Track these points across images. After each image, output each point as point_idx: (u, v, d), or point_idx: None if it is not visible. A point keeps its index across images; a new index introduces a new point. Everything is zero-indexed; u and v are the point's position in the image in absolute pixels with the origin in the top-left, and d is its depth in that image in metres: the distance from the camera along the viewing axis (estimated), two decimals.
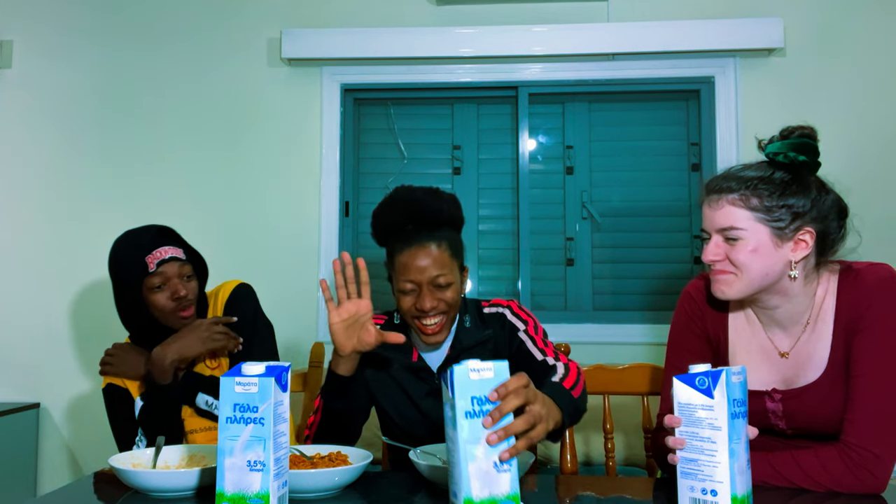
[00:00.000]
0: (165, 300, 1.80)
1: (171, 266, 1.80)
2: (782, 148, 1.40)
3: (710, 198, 1.40)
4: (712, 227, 1.40)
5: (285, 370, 1.16)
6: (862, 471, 1.30)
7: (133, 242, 1.82)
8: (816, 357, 1.42)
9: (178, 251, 1.84)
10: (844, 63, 3.03)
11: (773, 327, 1.48)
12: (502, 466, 1.09)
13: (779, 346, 1.47)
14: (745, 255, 1.37)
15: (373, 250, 3.22)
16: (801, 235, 1.38)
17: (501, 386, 1.12)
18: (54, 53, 3.22)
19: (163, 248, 1.80)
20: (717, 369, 1.12)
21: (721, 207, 1.38)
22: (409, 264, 1.64)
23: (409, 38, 3.07)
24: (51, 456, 3.11)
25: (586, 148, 3.20)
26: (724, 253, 1.39)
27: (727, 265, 1.39)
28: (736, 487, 1.10)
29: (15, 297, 3.15)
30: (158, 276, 1.79)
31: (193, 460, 1.45)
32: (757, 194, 1.37)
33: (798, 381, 1.43)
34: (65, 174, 3.19)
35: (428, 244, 1.64)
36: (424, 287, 1.63)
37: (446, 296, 1.64)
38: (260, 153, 3.16)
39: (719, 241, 1.40)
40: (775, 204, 1.36)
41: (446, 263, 1.65)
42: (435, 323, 1.65)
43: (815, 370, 1.41)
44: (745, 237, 1.37)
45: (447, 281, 1.64)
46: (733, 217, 1.37)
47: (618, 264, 3.15)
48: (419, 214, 1.67)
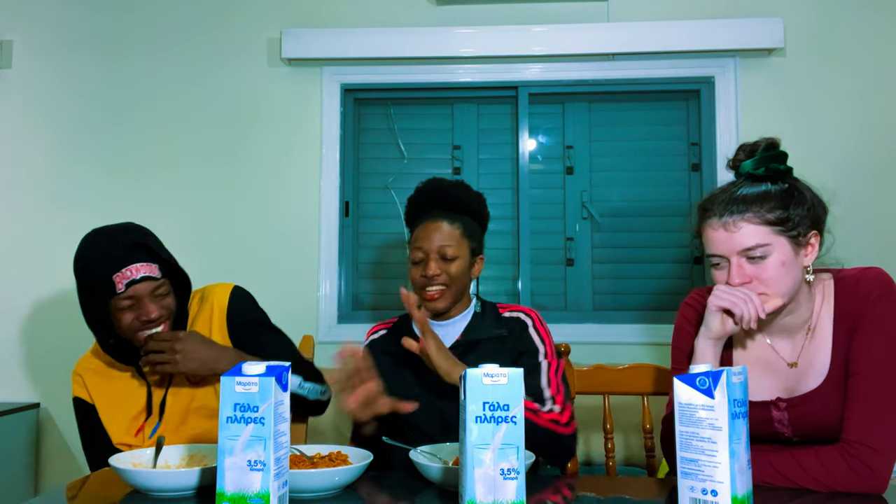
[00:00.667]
0: (131, 320, 1.68)
1: (142, 286, 1.66)
2: (761, 162, 1.42)
3: (724, 221, 1.37)
4: (731, 250, 1.37)
5: (286, 370, 1.16)
6: (862, 468, 1.30)
7: (102, 254, 1.67)
8: (818, 363, 1.42)
9: (152, 268, 1.68)
10: (844, 63, 3.03)
11: (777, 337, 1.48)
12: (509, 474, 1.09)
13: (783, 355, 1.48)
14: (777, 271, 1.36)
15: (373, 250, 3.23)
16: (810, 239, 1.41)
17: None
18: (54, 53, 3.22)
19: (134, 266, 1.65)
20: (718, 369, 1.12)
21: (740, 228, 1.36)
22: (420, 235, 1.84)
23: (409, 38, 3.07)
24: (51, 456, 3.11)
25: (586, 148, 3.20)
26: (751, 274, 1.37)
27: (757, 286, 1.37)
28: (736, 487, 1.10)
29: (15, 296, 3.15)
30: (128, 299, 1.65)
31: (194, 460, 1.45)
32: (768, 209, 1.37)
33: (800, 389, 1.44)
34: (64, 174, 3.18)
35: (441, 220, 1.83)
36: (431, 255, 1.79)
37: (450, 268, 1.79)
38: (260, 153, 3.16)
39: (742, 263, 1.37)
40: (787, 214, 1.37)
41: (455, 239, 1.81)
42: (436, 289, 1.78)
43: (816, 377, 1.42)
44: (771, 252, 1.36)
45: (453, 254, 1.79)
46: (757, 235, 1.36)
47: (618, 264, 3.14)
48: (441, 198, 1.86)
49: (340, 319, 3.12)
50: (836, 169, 2.94)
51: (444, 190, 1.88)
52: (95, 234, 1.73)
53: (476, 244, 1.87)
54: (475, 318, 1.85)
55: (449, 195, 1.87)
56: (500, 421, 1.10)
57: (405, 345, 1.63)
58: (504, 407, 1.11)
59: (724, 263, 1.40)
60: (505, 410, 1.11)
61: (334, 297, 3.12)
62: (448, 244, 1.79)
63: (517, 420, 1.11)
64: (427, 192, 1.89)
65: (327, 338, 3.02)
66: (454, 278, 1.79)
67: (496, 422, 1.10)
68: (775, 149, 1.44)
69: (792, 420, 1.44)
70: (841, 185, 2.95)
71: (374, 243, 3.24)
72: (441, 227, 1.81)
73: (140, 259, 1.67)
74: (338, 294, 3.14)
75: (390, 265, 3.22)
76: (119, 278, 1.64)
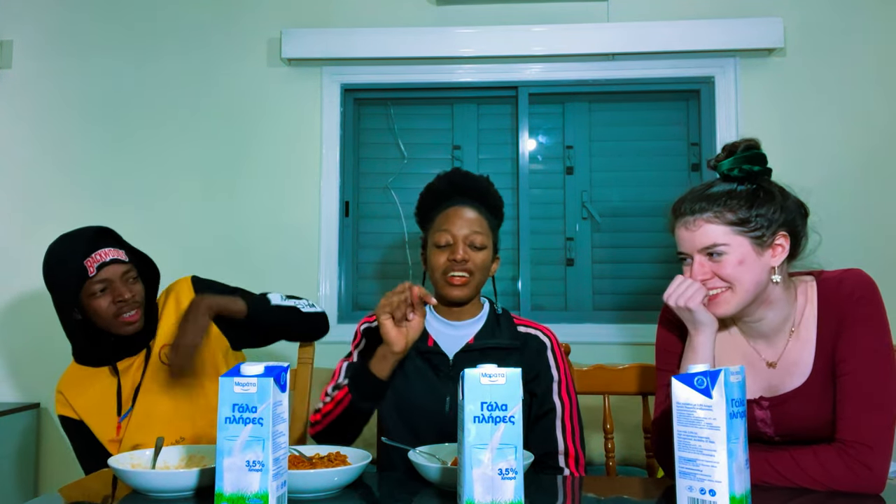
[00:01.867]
0: (107, 305, 1.72)
1: (112, 268, 1.71)
2: (735, 163, 1.44)
3: (685, 220, 1.43)
4: (693, 248, 1.43)
5: (284, 370, 1.16)
6: (859, 466, 1.30)
7: (69, 246, 1.73)
8: (801, 363, 1.44)
9: (120, 252, 1.75)
10: (844, 63, 3.03)
11: (758, 339, 1.51)
12: (507, 474, 1.09)
13: (764, 356, 1.49)
14: (733, 268, 1.40)
15: (373, 250, 3.23)
16: (777, 240, 1.42)
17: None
18: (54, 53, 3.23)
19: (103, 251, 1.72)
20: (716, 369, 1.12)
21: (699, 228, 1.41)
22: (450, 218, 1.72)
23: (409, 38, 3.07)
24: (51, 456, 3.11)
25: (586, 148, 3.20)
26: (711, 271, 1.42)
27: (717, 282, 1.41)
28: (734, 487, 1.10)
29: (15, 296, 3.15)
30: (100, 282, 1.70)
31: (193, 460, 1.45)
32: (729, 209, 1.40)
33: (783, 388, 1.45)
34: (64, 173, 3.19)
35: (471, 208, 1.73)
36: (460, 240, 1.69)
37: (478, 257, 1.70)
38: (260, 153, 3.16)
39: (703, 261, 1.42)
40: (749, 215, 1.40)
41: (485, 228, 1.73)
42: (462, 275, 1.69)
43: (799, 376, 1.44)
44: (728, 251, 1.40)
45: (482, 243, 1.71)
46: (714, 235, 1.40)
47: (618, 264, 3.14)
48: (468, 185, 1.76)
49: (340, 319, 3.12)
50: (836, 168, 2.94)
51: (473, 180, 1.78)
52: (60, 237, 1.80)
53: (495, 239, 1.80)
54: (490, 322, 1.77)
55: (479, 186, 1.77)
56: (498, 421, 1.10)
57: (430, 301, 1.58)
58: (502, 407, 1.10)
59: (689, 260, 1.45)
60: (503, 410, 1.10)
61: (334, 297, 3.12)
62: (479, 231, 1.70)
63: (515, 420, 1.11)
64: (455, 180, 1.78)
65: (327, 338, 3.00)
66: (479, 268, 1.71)
67: (494, 422, 1.10)
68: (754, 150, 1.46)
69: (774, 419, 1.45)
70: (840, 184, 2.95)
71: (374, 243, 3.24)
72: (470, 215, 1.72)
73: (107, 245, 1.74)
74: (338, 294, 3.14)
75: (390, 265, 3.22)
76: (90, 262, 1.69)
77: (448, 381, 1.70)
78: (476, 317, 1.78)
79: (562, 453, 1.67)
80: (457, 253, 1.68)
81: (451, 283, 1.70)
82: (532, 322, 1.81)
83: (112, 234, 1.78)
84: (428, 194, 1.81)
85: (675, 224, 1.46)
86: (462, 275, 1.69)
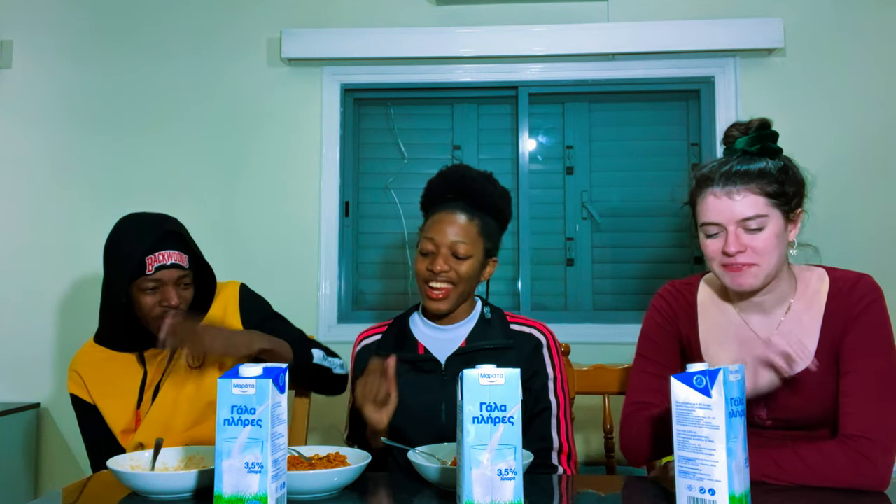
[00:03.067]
0: (153, 304, 1.72)
1: (169, 272, 1.72)
2: (755, 140, 1.45)
3: (727, 189, 1.41)
4: (732, 218, 1.41)
5: (283, 372, 1.16)
6: (863, 461, 1.31)
7: (138, 235, 1.73)
8: (803, 347, 1.45)
9: (182, 258, 1.75)
10: (844, 63, 3.02)
11: (753, 313, 1.52)
12: (507, 475, 1.09)
13: (758, 332, 1.50)
14: (770, 242, 1.40)
15: (373, 250, 3.23)
16: (798, 216, 1.47)
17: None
18: (54, 53, 3.22)
19: (167, 252, 1.72)
20: (715, 368, 1.12)
21: (745, 197, 1.40)
22: (433, 225, 1.68)
23: (409, 38, 3.07)
24: (51, 456, 3.11)
25: (586, 148, 3.20)
26: (746, 244, 1.41)
27: (750, 256, 1.41)
28: (734, 486, 1.10)
29: (15, 296, 3.15)
30: (153, 281, 1.70)
31: (192, 462, 1.45)
32: (768, 181, 1.41)
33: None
34: (64, 173, 3.19)
35: (459, 213, 1.68)
36: (442, 250, 1.65)
37: (461, 267, 1.66)
38: (260, 153, 3.16)
39: (740, 233, 1.41)
40: (783, 189, 1.42)
41: (471, 237, 1.67)
42: (440, 289, 1.65)
43: (801, 361, 1.43)
44: (768, 224, 1.41)
45: (466, 252, 1.66)
46: (757, 206, 1.40)
47: (618, 264, 3.14)
48: (463, 187, 1.71)
49: (340, 319, 3.12)
50: (836, 168, 2.94)
51: (470, 180, 1.72)
52: (133, 216, 1.79)
53: (491, 245, 1.74)
54: (481, 324, 1.74)
55: (475, 187, 1.71)
56: (497, 422, 1.10)
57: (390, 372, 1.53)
58: (501, 408, 1.10)
59: (720, 233, 1.43)
60: (502, 411, 1.10)
61: (334, 297, 3.12)
62: (462, 241, 1.65)
63: (514, 421, 1.11)
64: (451, 179, 1.73)
65: (327, 338, 3.02)
66: (462, 278, 1.66)
67: (493, 422, 1.10)
68: (768, 128, 1.48)
69: (768, 401, 1.45)
70: (840, 183, 2.94)
71: (374, 243, 3.24)
72: (457, 221, 1.67)
73: (173, 247, 1.74)
74: (338, 294, 3.14)
75: (390, 265, 3.22)
76: (151, 260, 1.69)
77: (442, 388, 1.68)
78: (467, 318, 1.75)
79: (556, 450, 1.66)
80: (436, 264, 1.65)
81: (430, 295, 1.67)
82: (527, 319, 1.78)
83: (181, 236, 1.79)
84: (427, 191, 1.78)
85: (705, 194, 1.44)
86: (442, 286, 1.66)
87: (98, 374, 1.84)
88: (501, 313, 1.78)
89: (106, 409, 1.82)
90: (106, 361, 1.84)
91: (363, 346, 1.82)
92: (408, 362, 1.70)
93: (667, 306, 1.63)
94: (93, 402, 1.83)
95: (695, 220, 1.51)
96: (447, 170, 1.77)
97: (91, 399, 1.83)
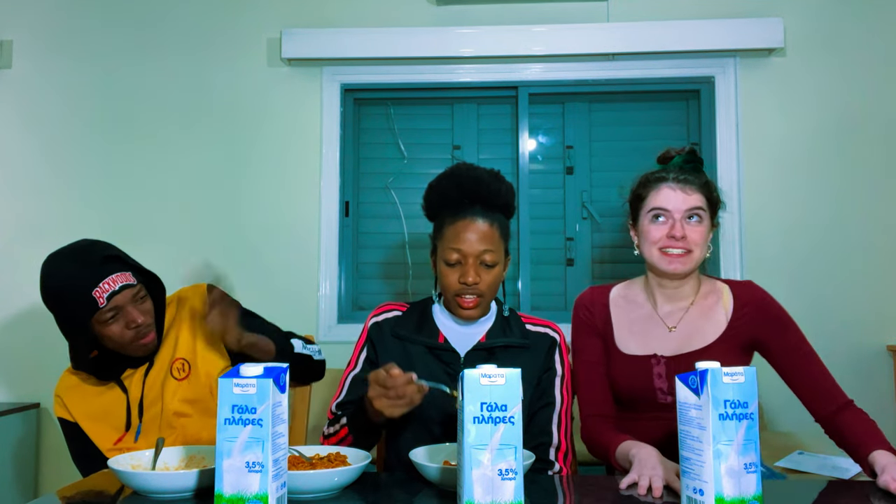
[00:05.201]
0: (121, 330, 1.67)
1: (122, 295, 1.65)
2: (692, 160, 1.77)
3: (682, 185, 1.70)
4: (682, 207, 1.68)
5: (283, 371, 1.16)
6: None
7: (74, 274, 1.64)
8: (705, 332, 1.71)
9: (127, 276, 1.68)
10: (844, 63, 3.03)
11: (666, 303, 1.77)
12: (507, 475, 1.09)
13: (667, 321, 1.75)
14: (703, 236, 1.69)
15: (373, 250, 3.23)
16: (715, 221, 1.75)
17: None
18: (54, 53, 3.23)
19: (111, 278, 1.64)
20: (703, 369, 1.11)
21: (693, 194, 1.69)
22: (459, 235, 1.65)
23: (409, 38, 3.07)
24: (51, 456, 3.11)
25: (586, 148, 3.20)
26: (685, 233, 1.68)
27: (688, 243, 1.67)
28: (723, 489, 1.09)
29: (14, 296, 3.15)
30: (111, 310, 1.64)
31: (192, 461, 1.45)
32: (708, 190, 1.73)
33: (681, 350, 1.70)
34: (64, 173, 3.19)
35: (479, 219, 1.66)
36: (470, 260, 1.64)
37: (489, 276, 1.66)
38: (260, 153, 3.16)
39: (684, 222, 1.68)
40: (713, 200, 1.74)
41: (494, 242, 1.67)
42: (473, 298, 1.66)
43: (700, 342, 1.70)
44: (704, 221, 1.70)
45: (493, 260, 1.65)
46: (702, 202, 1.70)
47: (618, 264, 3.14)
48: (478, 191, 1.68)
49: (340, 319, 3.12)
50: (834, 168, 2.94)
51: (484, 184, 1.68)
52: (57, 256, 1.70)
53: (507, 243, 1.73)
54: (500, 321, 1.75)
55: (489, 189, 1.68)
56: (497, 421, 1.10)
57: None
58: (502, 408, 1.10)
59: (667, 220, 1.69)
60: (503, 411, 1.10)
61: (334, 297, 3.12)
62: (490, 249, 1.64)
63: (515, 420, 1.11)
64: (465, 183, 1.68)
65: (327, 338, 3.03)
66: (492, 287, 1.67)
67: (494, 422, 1.10)
68: (696, 155, 1.80)
69: (669, 375, 1.67)
70: (840, 183, 2.94)
71: (374, 243, 3.24)
72: (480, 229, 1.64)
73: (114, 270, 1.66)
74: (338, 294, 3.14)
75: (390, 265, 3.22)
76: (98, 293, 1.63)
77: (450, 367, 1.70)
78: (486, 315, 1.76)
79: (553, 446, 1.67)
80: (468, 276, 1.63)
81: (463, 305, 1.67)
82: (540, 319, 1.80)
83: (117, 256, 1.71)
84: (437, 198, 1.73)
85: (660, 186, 1.71)
86: (473, 298, 1.66)
87: (79, 400, 1.83)
88: (517, 315, 1.80)
89: (93, 433, 1.81)
90: (87, 387, 1.83)
91: (380, 320, 1.79)
92: (427, 347, 1.71)
93: (586, 311, 1.82)
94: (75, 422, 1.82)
95: (633, 216, 1.78)
96: (457, 172, 1.73)
97: (73, 419, 1.82)
